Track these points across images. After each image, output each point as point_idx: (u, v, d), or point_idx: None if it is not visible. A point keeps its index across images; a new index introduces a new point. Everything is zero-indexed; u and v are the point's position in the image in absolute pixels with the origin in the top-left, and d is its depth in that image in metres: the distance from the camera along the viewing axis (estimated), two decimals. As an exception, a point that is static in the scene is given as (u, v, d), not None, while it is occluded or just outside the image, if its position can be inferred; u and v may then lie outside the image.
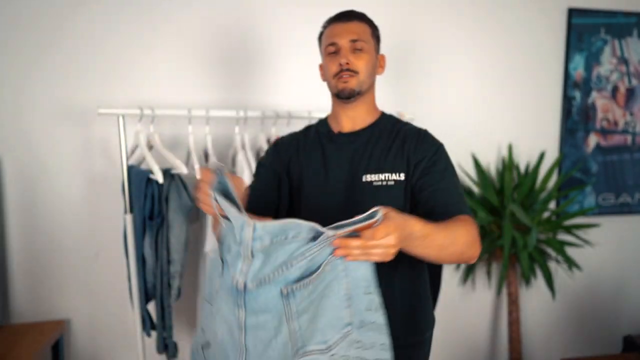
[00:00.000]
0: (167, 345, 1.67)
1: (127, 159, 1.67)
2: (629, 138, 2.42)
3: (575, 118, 2.35)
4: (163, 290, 1.61)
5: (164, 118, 1.88)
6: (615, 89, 2.38)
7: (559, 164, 2.33)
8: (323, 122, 1.28)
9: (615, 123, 2.40)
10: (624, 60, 2.37)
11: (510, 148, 2.26)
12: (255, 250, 0.82)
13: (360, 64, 1.16)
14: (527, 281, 2.09)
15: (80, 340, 1.95)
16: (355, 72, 1.15)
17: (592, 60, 2.33)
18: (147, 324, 1.70)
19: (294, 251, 0.82)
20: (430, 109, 2.19)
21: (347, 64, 1.15)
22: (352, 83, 1.15)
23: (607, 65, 2.35)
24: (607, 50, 2.34)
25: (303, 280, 0.82)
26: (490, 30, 2.23)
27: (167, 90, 1.92)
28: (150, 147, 1.74)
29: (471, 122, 2.26)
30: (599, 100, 2.37)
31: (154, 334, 1.73)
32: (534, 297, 2.42)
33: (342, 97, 1.17)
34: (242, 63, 1.98)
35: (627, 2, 2.34)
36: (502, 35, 2.24)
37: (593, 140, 2.38)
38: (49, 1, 1.80)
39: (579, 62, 2.32)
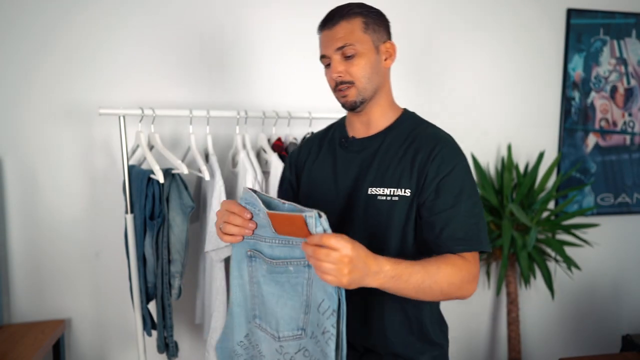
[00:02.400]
0: (167, 345, 1.67)
1: (128, 159, 1.67)
2: (628, 138, 2.43)
3: (575, 118, 2.36)
4: (164, 290, 1.61)
5: (164, 118, 1.88)
6: (614, 90, 2.39)
7: (558, 163, 2.34)
8: (341, 125, 1.21)
9: (614, 123, 2.41)
10: (622, 61, 2.38)
11: (509, 148, 2.27)
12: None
13: (354, 71, 1.05)
14: (527, 281, 2.10)
15: (81, 339, 1.95)
16: (350, 83, 1.06)
17: (591, 60, 2.34)
18: (148, 323, 1.70)
19: (260, 225, 0.92)
20: (430, 109, 2.20)
21: (340, 76, 1.05)
22: (351, 95, 1.06)
23: (606, 65, 2.36)
24: (606, 50, 2.35)
25: (264, 257, 0.94)
26: (489, 30, 2.23)
27: (167, 90, 1.92)
28: (151, 147, 1.75)
29: (471, 122, 2.27)
30: (598, 100, 2.37)
31: (154, 333, 1.74)
32: (533, 297, 2.43)
33: (346, 109, 1.11)
34: (242, 63, 1.99)
35: (625, 3, 2.35)
36: (501, 36, 2.25)
37: (592, 140, 2.39)
38: (50, 1, 1.80)
39: (578, 62, 2.33)
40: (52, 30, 1.81)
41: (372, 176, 1.07)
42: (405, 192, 1.03)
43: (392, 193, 1.04)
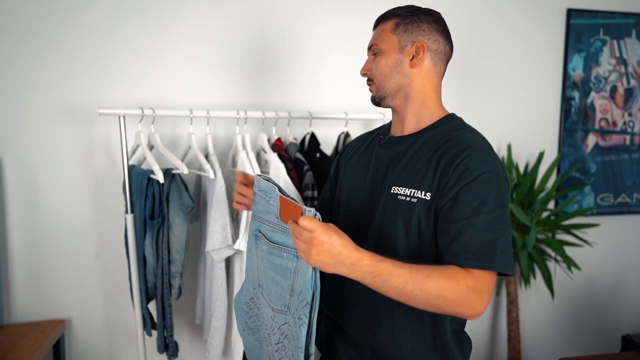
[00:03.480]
0: (167, 345, 1.67)
1: (128, 159, 1.67)
2: (628, 138, 2.43)
3: (574, 118, 2.36)
4: (164, 290, 1.61)
5: (164, 118, 1.88)
6: (614, 90, 2.39)
7: (558, 163, 2.34)
8: (388, 124, 1.24)
9: (614, 123, 2.41)
10: (622, 61, 2.38)
11: (509, 148, 2.27)
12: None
13: (374, 69, 1.11)
14: (526, 281, 2.10)
15: (81, 339, 1.95)
16: (371, 80, 1.13)
17: (591, 60, 2.34)
18: (148, 323, 1.70)
19: (267, 211, 1.05)
20: (430, 109, 2.20)
21: (365, 74, 1.14)
22: (372, 91, 1.14)
23: (605, 65, 2.36)
24: (606, 50, 2.35)
25: (266, 240, 1.07)
26: (489, 30, 2.23)
27: (167, 90, 1.92)
28: (151, 147, 1.75)
29: (471, 122, 2.26)
30: (598, 100, 2.37)
31: (154, 333, 1.74)
32: (533, 297, 2.43)
33: (374, 104, 1.17)
34: (242, 63, 1.99)
35: (625, 3, 2.35)
36: (501, 36, 2.25)
37: (592, 140, 2.39)
38: (50, 2, 1.80)
39: (577, 62, 2.33)
40: (52, 31, 1.82)
41: (397, 174, 1.06)
42: (425, 195, 0.99)
43: (412, 194, 1.01)
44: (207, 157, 1.78)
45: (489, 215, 0.94)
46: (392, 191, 1.05)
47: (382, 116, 1.91)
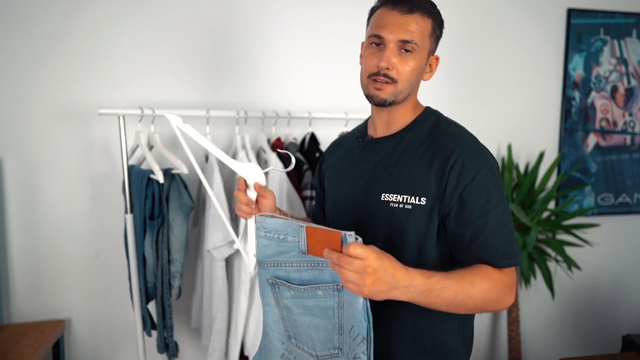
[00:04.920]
0: (167, 345, 1.67)
1: (128, 158, 1.67)
2: (628, 138, 2.43)
3: (575, 118, 2.36)
4: (164, 290, 1.61)
5: (164, 118, 1.88)
6: (614, 89, 2.38)
7: (558, 163, 2.34)
8: (364, 124, 1.15)
9: (615, 123, 2.40)
10: (623, 61, 2.38)
11: (509, 148, 2.27)
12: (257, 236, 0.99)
13: (404, 70, 0.96)
14: (527, 281, 2.09)
15: (81, 339, 1.95)
16: (393, 80, 0.96)
17: (592, 60, 2.34)
18: (148, 323, 1.70)
19: (282, 251, 0.94)
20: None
21: (387, 68, 0.95)
22: (386, 92, 0.97)
23: (606, 65, 2.36)
24: (606, 50, 2.35)
25: (289, 283, 0.94)
26: (489, 30, 2.23)
27: (167, 90, 1.92)
28: (151, 147, 1.74)
29: (471, 122, 2.26)
30: (598, 100, 2.37)
31: (154, 333, 1.74)
32: (534, 297, 2.43)
33: (371, 102, 1.02)
34: (242, 62, 1.99)
35: (626, 3, 2.35)
36: (501, 36, 2.25)
37: (592, 140, 2.39)
38: (50, 2, 1.80)
39: (578, 62, 2.33)
40: (52, 31, 1.81)
41: (386, 180, 0.99)
42: (420, 200, 0.95)
43: (405, 200, 0.96)
44: (206, 157, 1.78)
45: (496, 211, 0.93)
46: (382, 198, 0.99)
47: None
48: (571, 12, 2.28)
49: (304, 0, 2.01)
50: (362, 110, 2.02)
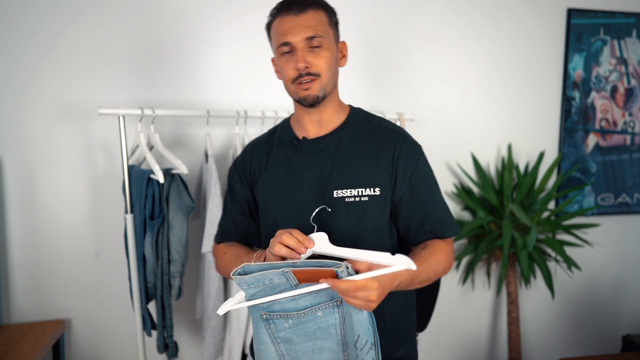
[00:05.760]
0: (167, 345, 1.67)
1: (128, 158, 1.67)
2: (628, 138, 2.43)
3: (575, 118, 2.36)
4: (164, 290, 1.61)
5: (164, 118, 1.88)
6: (614, 89, 2.38)
7: (558, 163, 2.34)
8: (286, 127, 1.15)
9: (615, 123, 2.40)
10: (623, 61, 2.38)
11: (509, 148, 2.27)
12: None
13: (321, 64, 1.00)
14: (527, 281, 2.09)
15: (81, 339, 1.95)
16: (316, 75, 1.01)
17: (592, 60, 2.34)
18: (148, 323, 1.70)
19: (275, 287, 0.92)
20: (430, 108, 2.20)
21: (306, 67, 0.99)
22: (315, 89, 1.01)
23: (606, 65, 2.36)
24: (606, 50, 2.35)
25: (286, 315, 0.93)
26: (489, 30, 2.23)
27: (167, 90, 1.92)
28: (151, 147, 1.75)
29: (471, 122, 2.27)
30: (598, 100, 2.37)
31: (154, 333, 1.74)
32: (534, 297, 2.43)
33: (304, 104, 1.04)
34: (242, 62, 1.99)
35: (626, 3, 2.35)
36: (501, 36, 2.25)
37: (592, 140, 2.39)
38: (50, 3, 1.80)
39: (578, 62, 2.33)
40: (52, 31, 1.81)
41: (336, 178, 1.03)
42: (375, 191, 1.02)
43: (360, 193, 1.02)
44: (206, 157, 1.78)
45: (437, 191, 1.10)
46: (335, 195, 1.02)
47: (382, 116, 1.90)
48: (571, 12, 2.28)
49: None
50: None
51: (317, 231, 0.97)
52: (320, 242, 0.93)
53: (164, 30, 1.90)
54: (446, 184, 2.27)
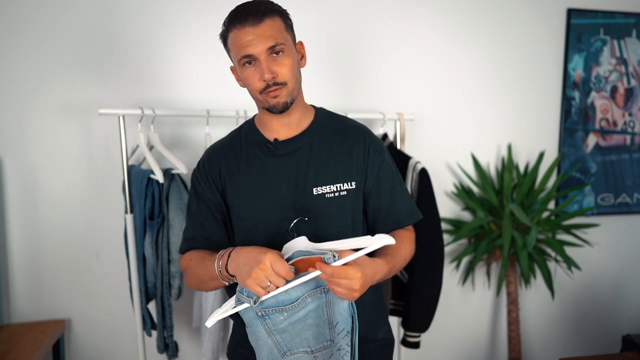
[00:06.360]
0: (167, 345, 1.67)
1: (128, 158, 1.67)
2: (628, 138, 2.43)
3: (575, 118, 2.36)
4: (164, 290, 1.61)
5: (164, 118, 1.88)
6: (614, 89, 2.38)
7: (558, 164, 2.34)
8: (252, 128, 1.15)
9: (615, 123, 2.40)
10: (623, 61, 2.38)
11: (509, 148, 2.27)
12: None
13: (285, 71, 1.02)
14: (527, 281, 2.09)
15: (81, 339, 1.95)
16: (283, 84, 1.02)
17: (591, 60, 2.34)
18: (148, 323, 1.70)
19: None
20: (430, 108, 2.20)
21: (273, 77, 1.01)
22: (283, 96, 1.03)
23: (606, 65, 2.36)
24: (606, 50, 2.35)
25: (280, 309, 1.00)
26: (489, 30, 2.23)
27: (167, 90, 1.92)
28: (151, 147, 1.75)
29: (471, 122, 2.27)
30: (598, 100, 2.37)
31: (154, 333, 1.74)
32: (534, 297, 2.43)
33: (275, 112, 1.06)
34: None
35: (626, 3, 2.35)
36: (501, 36, 2.25)
37: (592, 140, 2.39)
38: (50, 3, 1.80)
39: (578, 62, 2.33)
40: (52, 31, 1.82)
41: (314, 175, 1.08)
42: (351, 184, 1.09)
43: (339, 188, 1.08)
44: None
45: (398, 180, 1.17)
46: (315, 193, 1.07)
47: (382, 116, 1.91)
48: (571, 12, 2.28)
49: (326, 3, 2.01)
50: (361, 110, 2.02)
51: (298, 235, 1.04)
52: (303, 245, 0.98)
53: (164, 30, 1.91)
54: (446, 184, 2.27)
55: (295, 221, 1.06)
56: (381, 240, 0.92)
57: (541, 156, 2.27)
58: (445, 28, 2.18)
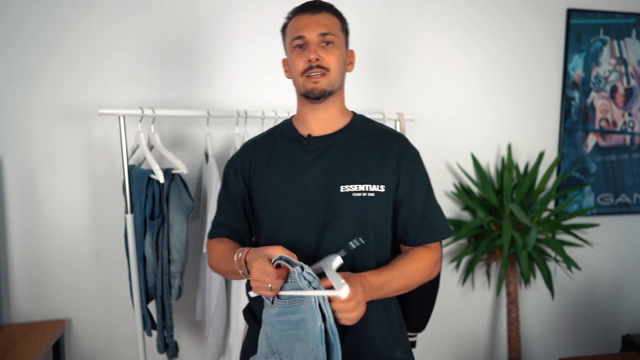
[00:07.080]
0: (167, 345, 1.67)
1: (128, 158, 1.67)
2: (628, 138, 2.43)
3: (574, 118, 2.36)
4: (164, 290, 1.61)
5: (164, 118, 1.88)
6: (614, 90, 2.39)
7: (558, 164, 2.34)
8: (288, 125, 1.17)
9: (614, 123, 2.41)
10: (622, 61, 2.38)
11: (509, 148, 2.27)
12: None
13: (331, 59, 1.05)
14: (527, 281, 2.10)
15: (81, 339, 1.95)
16: (326, 70, 1.05)
17: (591, 60, 2.34)
18: (148, 323, 1.70)
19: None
20: (430, 109, 2.20)
21: (317, 60, 1.04)
22: (323, 83, 1.05)
23: (606, 65, 2.36)
24: (606, 50, 2.35)
25: (276, 298, 0.97)
26: (489, 30, 2.23)
27: (167, 90, 1.92)
28: (151, 147, 1.75)
29: (471, 122, 2.27)
30: (598, 100, 2.37)
31: (154, 333, 1.74)
32: (533, 297, 2.43)
33: (311, 97, 1.07)
34: (243, 63, 1.99)
35: (625, 3, 2.35)
36: (501, 36, 2.25)
37: (592, 140, 2.39)
38: (51, 2, 1.80)
39: (577, 62, 2.33)
40: (52, 31, 1.82)
41: (343, 173, 1.07)
42: (380, 188, 1.06)
43: (367, 189, 1.06)
44: (207, 157, 1.79)
45: (433, 194, 1.13)
46: (342, 190, 1.05)
47: (382, 116, 1.91)
48: (571, 12, 2.28)
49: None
50: (361, 110, 2.02)
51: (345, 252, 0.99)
52: (330, 264, 0.96)
53: (164, 30, 1.91)
54: (446, 184, 2.27)
55: (353, 246, 0.98)
56: (342, 291, 0.86)
57: (541, 156, 2.27)
58: (445, 28, 2.18)
